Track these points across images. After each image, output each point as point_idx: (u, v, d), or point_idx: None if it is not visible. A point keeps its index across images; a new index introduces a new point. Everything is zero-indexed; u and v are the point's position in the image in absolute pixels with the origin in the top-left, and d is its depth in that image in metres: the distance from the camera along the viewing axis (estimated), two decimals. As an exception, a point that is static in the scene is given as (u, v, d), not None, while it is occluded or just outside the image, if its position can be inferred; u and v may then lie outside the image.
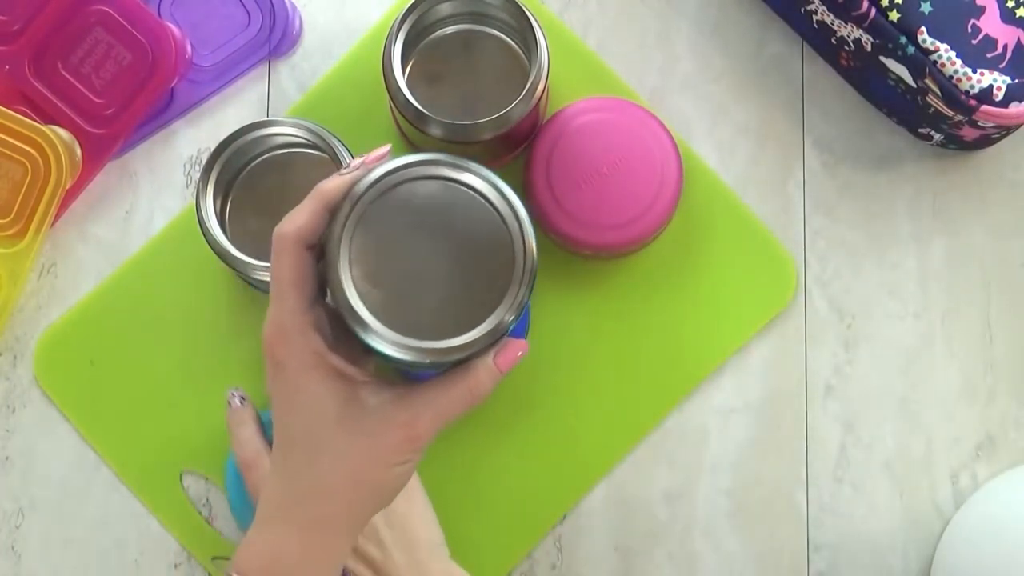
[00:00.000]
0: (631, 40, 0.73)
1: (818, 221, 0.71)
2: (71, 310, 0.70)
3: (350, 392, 0.49)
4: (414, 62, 0.68)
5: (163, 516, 0.69)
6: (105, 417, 0.70)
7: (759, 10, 0.73)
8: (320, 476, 0.49)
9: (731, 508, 0.69)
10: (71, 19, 0.70)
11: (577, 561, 0.69)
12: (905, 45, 0.64)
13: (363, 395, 0.49)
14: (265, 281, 0.65)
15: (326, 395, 0.49)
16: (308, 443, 0.49)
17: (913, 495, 0.69)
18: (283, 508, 0.50)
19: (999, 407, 0.70)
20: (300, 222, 0.49)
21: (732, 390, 0.70)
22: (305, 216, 0.49)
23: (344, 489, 0.50)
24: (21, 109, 0.70)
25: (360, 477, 0.50)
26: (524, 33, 0.65)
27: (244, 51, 0.72)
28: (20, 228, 0.69)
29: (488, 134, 0.64)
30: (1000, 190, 0.72)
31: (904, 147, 0.72)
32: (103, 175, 0.72)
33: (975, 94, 0.64)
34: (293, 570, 0.50)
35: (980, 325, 0.70)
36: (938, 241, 0.71)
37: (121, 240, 0.71)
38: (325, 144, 0.63)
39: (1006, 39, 0.64)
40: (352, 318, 0.48)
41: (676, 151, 0.68)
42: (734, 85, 0.72)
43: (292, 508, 0.50)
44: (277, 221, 0.67)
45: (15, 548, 0.69)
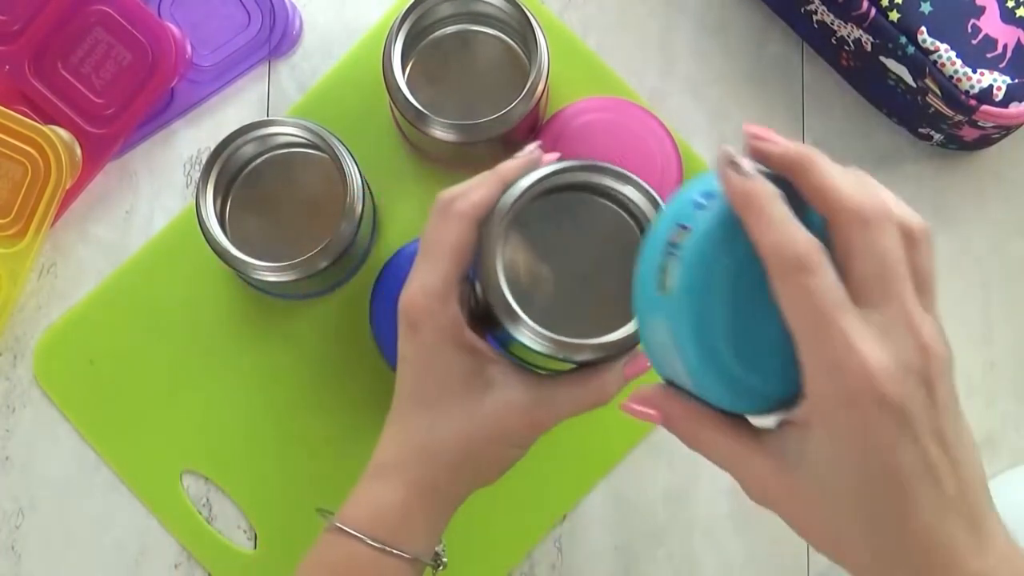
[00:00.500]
0: (631, 40, 0.73)
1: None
2: (71, 310, 0.70)
3: (479, 366, 0.50)
4: (414, 62, 0.68)
5: (163, 516, 0.69)
6: (105, 417, 0.70)
7: (759, 10, 0.73)
8: (434, 439, 0.50)
9: (731, 508, 0.69)
10: (71, 19, 0.70)
11: (577, 561, 0.69)
12: (905, 45, 0.64)
13: (491, 372, 0.50)
14: (265, 281, 0.65)
15: (457, 363, 0.50)
16: (430, 404, 0.50)
17: (913, 495, 0.69)
18: (394, 463, 0.51)
19: (999, 407, 0.70)
20: (477, 198, 0.49)
21: (732, 390, 0.70)
22: (483, 192, 0.50)
23: (454, 455, 0.51)
24: (21, 109, 0.70)
25: (472, 448, 0.51)
26: (524, 33, 0.65)
27: (244, 51, 0.72)
28: (20, 228, 0.69)
29: (488, 134, 0.64)
30: (1000, 190, 0.72)
31: (904, 147, 0.72)
32: (103, 175, 0.72)
33: (975, 94, 0.64)
34: (395, 526, 0.51)
35: (980, 325, 0.70)
36: (938, 240, 0.71)
37: (121, 240, 0.71)
38: (325, 144, 0.63)
39: (1006, 39, 0.64)
40: (499, 302, 0.49)
41: (676, 151, 0.68)
42: (734, 85, 0.72)
43: (403, 464, 0.51)
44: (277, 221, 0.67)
45: (15, 548, 0.69)
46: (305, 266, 0.63)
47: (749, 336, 0.40)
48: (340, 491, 0.69)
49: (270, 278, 0.64)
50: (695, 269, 0.39)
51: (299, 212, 0.68)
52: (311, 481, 0.69)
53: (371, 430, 0.69)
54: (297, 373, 0.69)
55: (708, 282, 0.39)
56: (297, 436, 0.69)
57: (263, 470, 0.69)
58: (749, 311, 0.39)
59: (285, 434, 0.69)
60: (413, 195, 0.71)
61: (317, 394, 0.69)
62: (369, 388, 0.69)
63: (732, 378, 0.40)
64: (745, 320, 0.40)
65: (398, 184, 0.71)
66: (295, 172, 0.68)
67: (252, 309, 0.70)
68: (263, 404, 0.69)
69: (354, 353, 0.69)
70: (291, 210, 0.68)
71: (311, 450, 0.69)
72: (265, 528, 0.69)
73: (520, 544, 0.69)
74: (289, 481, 0.69)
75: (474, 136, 0.64)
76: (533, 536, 0.69)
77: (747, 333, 0.40)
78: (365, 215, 0.65)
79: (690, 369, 0.40)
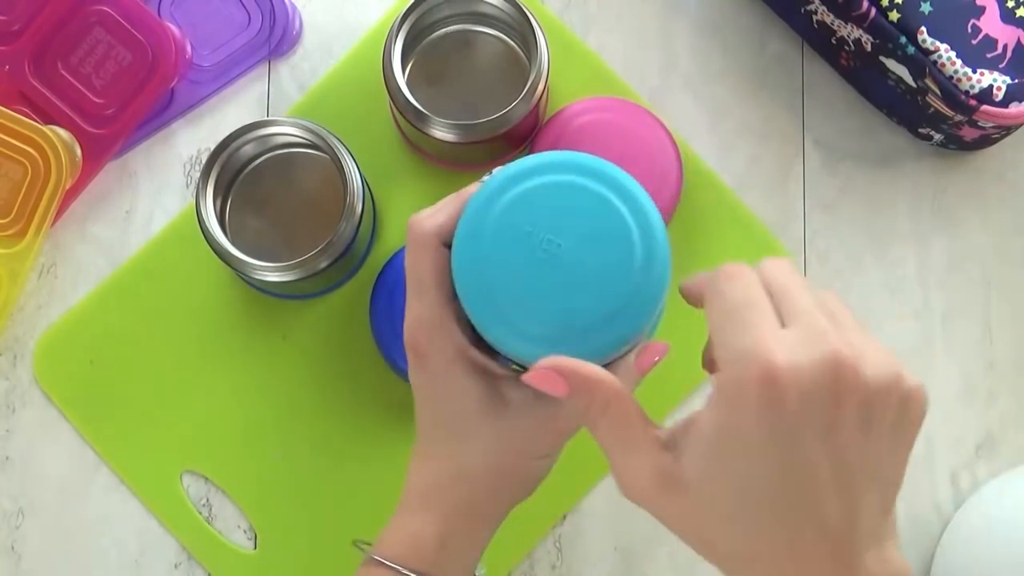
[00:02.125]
0: (631, 40, 0.73)
1: (818, 220, 0.71)
2: (71, 310, 0.70)
3: (492, 385, 0.50)
4: (414, 62, 0.68)
5: (163, 516, 0.69)
6: (105, 417, 0.70)
7: (759, 10, 0.73)
8: (465, 465, 0.50)
9: (731, 508, 0.69)
10: (71, 19, 0.70)
11: (577, 561, 0.69)
12: (905, 45, 0.64)
13: (504, 389, 0.50)
14: (265, 281, 0.65)
15: (470, 387, 0.50)
16: (452, 432, 0.50)
17: (913, 495, 0.69)
18: (426, 495, 0.51)
19: (999, 407, 0.70)
20: (441, 220, 0.49)
21: (732, 390, 0.70)
22: (445, 215, 0.50)
23: (487, 477, 0.51)
24: (21, 109, 0.70)
25: (503, 467, 0.51)
26: (524, 33, 0.65)
27: (244, 51, 0.72)
28: (20, 228, 0.69)
29: (488, 134, 0.64)
30: (1000, 190, 0.72)
31: (904, 147, 0.72)
32: (103, 175, 0.72)
33: (975, 94, 0.64)
34: (435, 556, 0.51)
35: (980, 325, 0.70)
36: (938, 241, 0.71)
37: (121, 240, 0.71)
38: (325, 144, 0.63)
39: (1006, 39, 0.64)
40: None
41: (676, 151, 0.68)
42: (734, 85, 0.72)
43: (435, 495, 0.51)
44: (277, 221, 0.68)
45: (15, 548, 0.69)
46: (305, 266, 0.63)
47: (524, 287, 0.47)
48: (340, 491, 0.69)
49: (270, 278, 0.64)
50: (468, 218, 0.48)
51: (299, 212, 0.68)
52: (311, 481, 0.69)
53: (371, 430, 0.69)
54: (297, 373, 0.69)
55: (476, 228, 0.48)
56: (297, 436, 0.69)
57: (263, 470, 0.69)
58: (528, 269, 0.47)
59: (285, 434, 0.69)
60: (413, 195, 0.71)
61: (317, 394, 0.69)
62: (369, 388, 0.69)
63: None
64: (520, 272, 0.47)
65: (398, 184, 0.71)
66: (295, 172, 0.68)
67: (252, 309, 0.70)
68: (263, 404, 0.69)
69: (354, 353, 0.69)
70: (291, 210, 0.68)
71: (311, 450, 0.69)
72: (265, 528, 0.69)
73: (520, 544, 0.69)
74: (289, 481, 0.69)
75: (474, 136, 0.64)
76: (533, 536, 0.69)
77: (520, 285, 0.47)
78: (365, 215, 0.65)
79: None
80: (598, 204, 0.48)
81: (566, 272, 0.47)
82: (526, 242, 0.48)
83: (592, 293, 0.47)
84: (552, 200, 0.48)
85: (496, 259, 0.48)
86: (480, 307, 0.48)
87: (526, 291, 0.48)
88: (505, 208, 0.48)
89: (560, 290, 0.47)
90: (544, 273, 0.48)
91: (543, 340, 0.47)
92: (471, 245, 0.48)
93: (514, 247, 0.48)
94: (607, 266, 0.47)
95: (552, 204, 0.48)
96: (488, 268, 0.48)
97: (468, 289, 0.48)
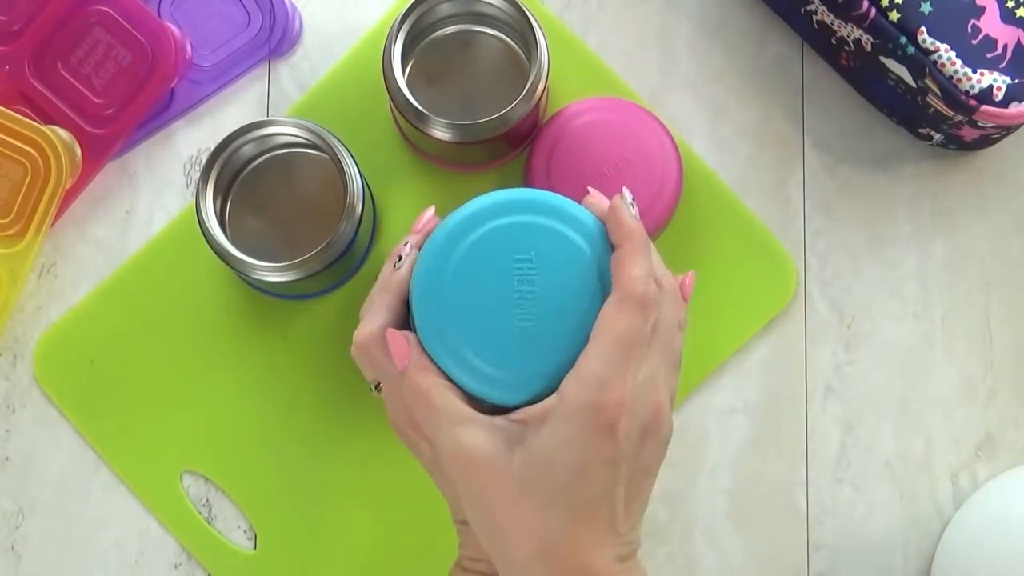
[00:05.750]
0: (631, 40, 0.73)
1: (818, 221, 0.71)
2: (71, 310, 0.70)
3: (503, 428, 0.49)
4: (414, 62, 0.68)
5: (163, 516, 0.69)
6: (105, 417, 0.70)
7: (759, 10, 0.73)
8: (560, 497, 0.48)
9: (731, 508, 0.69)
10: (71, 19, 0.70)
11: (577, 561, 0.69)
12: (905, 45, 0.64)
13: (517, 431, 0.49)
14: (265, 281, 0.65)
15: (504, 444, 0.48)
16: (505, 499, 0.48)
17: (913, 495, 0.69)
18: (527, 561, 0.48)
19: (999, 407, 0.70)
20: (376, 324, 0.51)
21: (732, 390, 0.70)
22: (380, 317, 0.51)
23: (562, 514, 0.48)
24: (21, 109, 0.70)
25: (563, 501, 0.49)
26: (524, 33, 0.65)
27: (244, 51, 0.72)
28: (20, 228, 0.69)
29: (488, 134, 0.64)
30: (1000, 190, 0.72)
31: (904, 147, 0.72)
32: (103, 175, 0.72)
33: (975, 94, 0.64)
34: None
35: (980, 325, 0.70)
36: (938, 241, 0.71)
37: (121, 240, 0.71)
38: (325, 144, 0.63)
39: (1006, 39, 0.64)
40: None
41: (676, 151, 0.68)
42: (734, 85, 0.72)
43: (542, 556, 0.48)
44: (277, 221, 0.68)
45: (15, 548, 0.69)
46: (305, 266, 0.63)
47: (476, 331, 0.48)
48: (340, 491, 0.69)
49: (270, 278, 0.64)
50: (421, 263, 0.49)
51: (299, 212, 0.68)
52: (311, 481, 0.69)
53: (371, 430, 0.69)
54: (297, 373, 0.69)
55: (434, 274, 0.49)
56: (297, 436, 0.69)
57: (263, 470, 0.69)
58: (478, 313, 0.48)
59: (285, 434, 0.69)
60: (413, 195, 0.71)
61: (317, 394, 0.69)
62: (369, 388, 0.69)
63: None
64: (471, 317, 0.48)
65: (398, 184, 0.71)
66: (295, 172, 0.68)
67: (252, 309, 0.70)
68: (263, 404, 0.69)
69: (354, 353, 0.69)
70: (291, 210, 0.68)
71: (311, 450, 0.69)
72: (265, 528, 0.69)
73: (520, 544, 0.69)
74: (289, 481, 0.69)
75: (474, 136, 0.64)
76: (533, 536, 0.69)
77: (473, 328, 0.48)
78: (365, 215, 0.65)
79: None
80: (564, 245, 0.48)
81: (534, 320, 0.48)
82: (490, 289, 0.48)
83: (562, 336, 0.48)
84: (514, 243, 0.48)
85: (458, 313, 0.48)
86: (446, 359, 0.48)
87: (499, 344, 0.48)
88: (464, 254, 0.48)
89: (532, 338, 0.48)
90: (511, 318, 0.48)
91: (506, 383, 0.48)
92: (429, 306, 0.48)
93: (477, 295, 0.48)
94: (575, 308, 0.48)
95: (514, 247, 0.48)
96: (451, 323, 0.48)
97: (434, 347, 0.48)
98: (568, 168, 0.67)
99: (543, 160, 0.67)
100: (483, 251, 0.48)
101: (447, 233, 0.48)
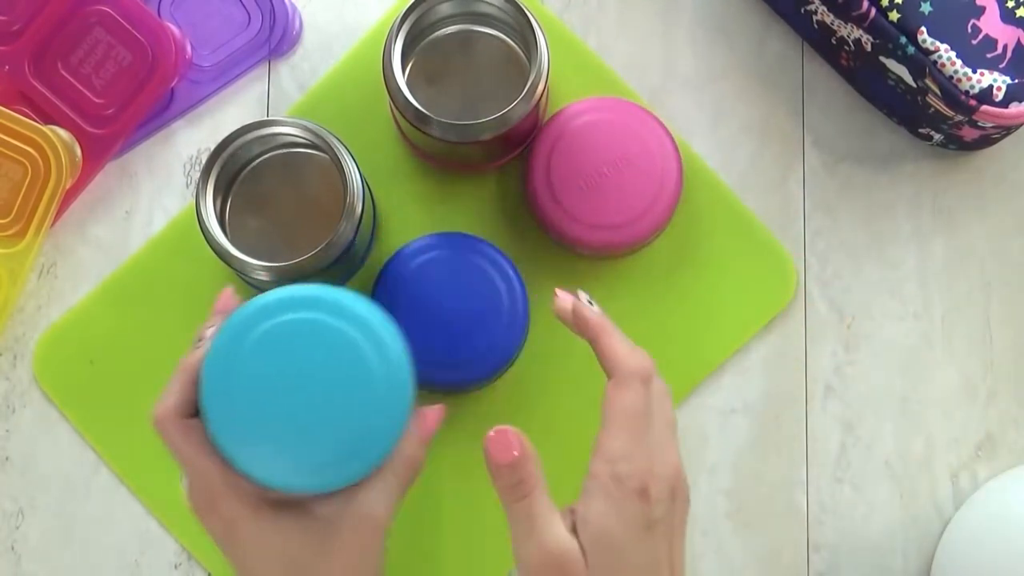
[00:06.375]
0: (631, 40, 0.73)
1: (818, 221, 0.71)
2: (71, 310, 0.70)
3: (305, 514, 0.51)
4: (414, 62, 0.68)
5: (163, 516, 0.69)
6: (105, 417, 0.70)
7: (759, 10, 0.73)
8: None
9: (731, 508, 0.69)
10: (71, 19, 0.70)
11: (577, 561, 0.69)
12: (905, 45, 0.64)
13: (315, 510, 0.52)
14: (265, 281, 0.65)
15: (294, 527, 0.51)
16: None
17: (913, 495, 0.69)
18: None
19: (999, 407, 0.70)
20: (173, 400, 0.52)
21: (732, 390, 0.70)
22: (175, 395, 0.52)
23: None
24: (21, 109, 0.70)
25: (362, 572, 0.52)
26: (524, 33, 0.65)
27: (244, 51, 0.72)
28: (20, 228, 0.69)
29: (488, 134, 0.64)
30: (1000, 190, 0.72)
31: (904, 147, 0.72)
32: (103, 175, 0.72)
33: (975, 94, 0.64)
34: None
35: (980, 325, 0.71)
36: (938, 241, 0.71)
37: (121, 240, 0.71)
38: (325, 144, 0.63)
39: (1006, 39, 0.64)
40: None
41: (676, 151, 0.68)
42: (734, 85, 0.72)
43: None
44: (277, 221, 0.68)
45: (15, 548, 0.69)
46: (305, 266, 0.63)
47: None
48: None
49: (270, 278, 0.64)
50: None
51: (299, 212, 0.68)
52: (311, 481, 0.69)
53: (371, 430, 0.69)
54: (297, 373, 0.69)
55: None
56: (297, 436, 0.69)
57: (263, 470, 0.69)
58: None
59: (285, 434, 0.69)
60: (413, 195, 0.71)
61: (317, 394, 0.69)
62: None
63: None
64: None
65: (398, 184, 0.71)
66: (295, 172, 0.68)
67: (252, 309, 0.70)
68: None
69: (354, 353, 0.69)
70: (291, 210, 0.68)
71: (311, 450, 0.69)
72: (265, 528, 0.69)
73: (520, 544, 0.69)
74: (289, 481, 0.69)
75: (474, 136, 0.64)
76: (533, 536, 0.69)
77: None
78: (365, 215, 0.65)
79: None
80: (339, 342, 0.50)
81: (312, 410, 0.49)
82: (270, 383, 0.50)
83: (340, 428, 0.50)
84: (293, 340, 0.50)
85: (244, 403, 0.50)
86: (236, 447, 0.50)
87: (277, 428, 0.50)
88: (248, 352, 0.50)
89: (310, 427, 0.50)
90: (291, 412, 0.50)
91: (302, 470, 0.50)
92: (217, 392, 0.50)
93: (259, 386, 0.50)
94: (350, 401, 0.50)
95: (293, 344, 0.50)
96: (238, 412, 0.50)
97: (223, 435, 0.50)
98: (568, 168, 0.67)
99: (543, 160, 0.67)
100: (267, 344, 0.50)
101: (234, 324, 0.50)
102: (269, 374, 0.50)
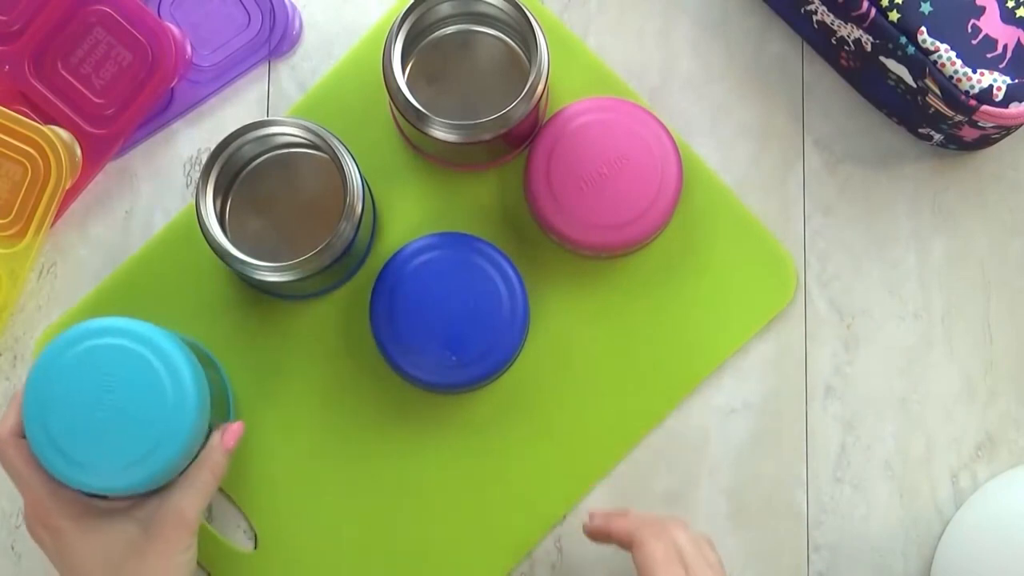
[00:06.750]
0: (631, 40, 0.73)
1: (818, 220, 0.71)
2: (71, 310, 0.70)
3: (124, 518, 0.59)
4: (414, 62, 0.68)
5: (163, 516, 0.69)
6: (105, 417, 0.70)
7: (760, 10, 0.73)
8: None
9: (731, 508, 0.69)
10: (71, 19, 0.70)
11: (577, 561, 0.69)
12: (905, 45, 0.64)
13: (135, 515, 0.59)
14: (265, 281, 0.65)
15: (112, 530, 0.58)
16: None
17: (913, 495, 0.69)
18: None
19: (999, 407, 0.70)
20: (10, 422, 0.59)
21: (732, 390, 0.70)
22: (12, 417, 0.59)
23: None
24: (21, 109, 0.70)
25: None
26: (524, 33, 0.65)
27: (244, 51, 0.72)
28: (20, 228, 0.69)
29: (488, 134, 0.64)
30: (1000, 190, 0.72)
31: (904, 147, 0.72)
32: (103, 175, 0.72)
33: (975, 94, 0.64)
34: None
35: (980, 325, 0.71)
36: (938, 241, 0.71)
37: (121, 240, 0.71)
38: (325, 144, 0.63)
39: (1006, 39, 0.64)
40: None
41: (676, 151, 0.68)
42: (734, 85, 0.72)
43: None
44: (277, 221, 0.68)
45: (15, 548, 0.69)
46: (305, 266, 0.63)
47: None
48: (340, 491, 0.69)
49: (270, 278, 0.64)
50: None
51: (299, 212, 0.68)
52: (311, 481, 0.69)
53: (371, 429, 0.69)
54: (297, 373, 0.69)
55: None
56: (297, 436, 0.69)
57: (263, 470, 0.69)
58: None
59: (285, 434, 0.69)
60: (413, 195, 0.71)
61: (317, 394, 0.69)
62: (369, 387, 0.69)
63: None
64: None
65: (398, 184, 0.71)
66: (295, 172, 0.68)
67: (252, 309, 0.70)
68: (262, 404, 0.69)
69: (354, 353, 0.69)
70: (291, 210, 0.68)
71: (311, 449, 0.69)
72: (265, 528, 0.69)
73: (520, 544, 0.69)
74: (289, 481, 0.69)
75: (474, 136, 0.64)
76: (533, 536, 0.69)
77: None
78: (365, 215, 0.65)
79: None
80: (139, 365, 0.58)
81: (116, 420, 0.58)
82: (81, 399, 0.58)
83: (138, 435, 0.58)
84: (101, 362, 0.58)
85: (59, 416, 0.58)
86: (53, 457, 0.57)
87: (87, 439, 0.57)
88: (60, 372, 0.58)
89: (114, 435, 0.58)
90: (98, 423, 0.57)
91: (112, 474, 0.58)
92: (36, 407, 0.58)
93: (71, 402, 0.58)
94: (146, 413, 0.58)
95: (101, 366, 0.58)
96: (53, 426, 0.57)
97: (40, 447, 0.58)
98: (568, 168, 0.67)
99: (543, 160, 0.67)
100: (77, 365, 0.58)
101: (51, 349, 0.58)
102: (80, 391, 0.58)
